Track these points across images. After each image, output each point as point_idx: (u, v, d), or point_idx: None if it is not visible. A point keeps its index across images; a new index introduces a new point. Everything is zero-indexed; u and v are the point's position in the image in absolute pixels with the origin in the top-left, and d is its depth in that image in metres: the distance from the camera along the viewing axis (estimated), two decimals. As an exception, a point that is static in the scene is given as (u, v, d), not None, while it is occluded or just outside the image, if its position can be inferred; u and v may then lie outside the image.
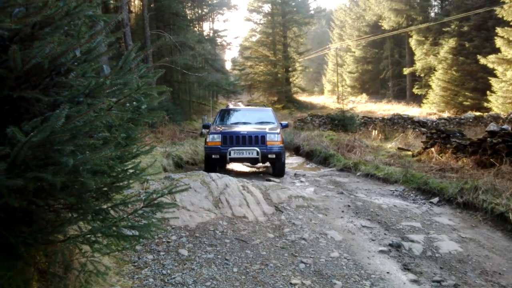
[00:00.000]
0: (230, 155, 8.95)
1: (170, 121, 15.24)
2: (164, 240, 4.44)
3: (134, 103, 2.66)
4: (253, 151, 8.95)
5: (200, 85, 22.63)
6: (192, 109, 22.72)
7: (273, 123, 10.52)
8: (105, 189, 2.68)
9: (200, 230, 4.85)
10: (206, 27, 42.97)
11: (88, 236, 2.63)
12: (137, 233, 2.79)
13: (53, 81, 2.04)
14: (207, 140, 9.27)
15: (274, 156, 9.05)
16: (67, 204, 2.51)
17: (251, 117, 10.91)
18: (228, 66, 47.18)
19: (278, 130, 9.63)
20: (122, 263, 3.78)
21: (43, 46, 1.76)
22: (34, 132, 1.57)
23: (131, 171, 2.87)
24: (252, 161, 9.57)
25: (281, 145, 9.26)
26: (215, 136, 9.23)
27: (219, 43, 31.71)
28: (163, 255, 4.09)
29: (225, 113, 11.35)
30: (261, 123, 10.36)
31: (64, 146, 1.70)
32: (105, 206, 2.77)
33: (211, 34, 32.91)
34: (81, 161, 1.72)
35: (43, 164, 1.77)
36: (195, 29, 29.72)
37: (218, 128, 9.74)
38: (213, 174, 7.16)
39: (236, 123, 10.40)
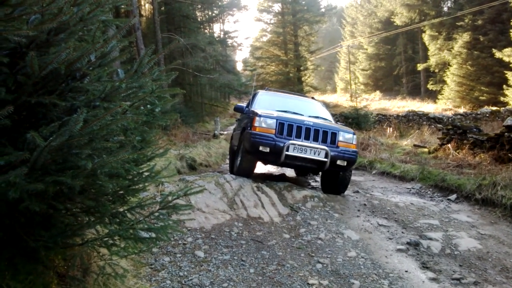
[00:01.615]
0: (288, 150, 6.15)
1: (182, 124, 15.32)
2: (180, 242, 4.46)
3: (148, 106, 2.68)
4: (320, 151, 6.19)
5: (211, 86, 22.73)
6: (204, 111, 22.82)
7: (330, 120, 7.73)
8: (121, 192, 2.70)
9: (216, 231, 4.85)
10: (217, 28, 43.11)
11: (106, 239, 2.65)
12: (153, 235, 2.80)
13: (69, 86, 2.06)
14: (254, 124, 6.34)
15: (345, 164, 6.29)
16: (84, 207, 2.53)
17: (301, 108, 7.87)
18: (239, 67, 47.29)
19: (351, 130, 6.93)
20: (139, 265, 3.81)
21: (59, 52, 1.79)
22: (53, 137, 1.59)
23: (146, 173, 2.89)
24: (314, 166, 6.50)
25: (356, 150, 6.60)
26: (268, 120, 6.34)
27: (230, 44, 31.80)
28: (180, 257, 4.11)
29: (264, 98, 8.20)
30: (316, 117, 7.40)
31: (82, 150, 1.72)
32: (121, 209, 2.79)
33: (221, 36, 33.03)
34: (99, 165, 1.74)
35: (61, 168, 1.79)
36: (206, 31, 29.86)
37: (269, 112, 6.78)
38: (227, 176, 7.18)
39: (284, 111, 7.26)
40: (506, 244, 4.65)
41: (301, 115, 7.11)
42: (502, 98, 23.55)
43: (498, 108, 20.41)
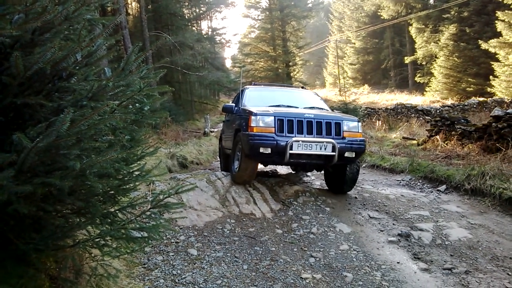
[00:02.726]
0: (292, 149, 5.51)
1: (172, 122, 15.24)
2: (172, 240, 4.45)
3: (137, 104, 2.66)
4: (327, 145, 5.58)
5: (201, 84, 22.65)
6: (194, 108, 22.72)
7: (327, 110, 7.17)
8: (112, 192, 2.68)
9: (208, 229, 4.85)
10: (205, 25, 42.93)
11: (97, 239, 2.63)
12: (145, 234, 2.79)
13: (56, 86, 2.04)
14: (251, 124, 5.69)
15: (353, 155, 5.75)
16: (75, 209, 2.51)
17: (294, 100, 7.35)
18: (228, 63, 47.16)
19: (355, 118, 6.36)
20: (132, 265, 3.79)
21: (44, 52, 1.76)
22: (40, 138, 1.57)
23: (137, 173, 2.87)
24: (321, 162, 5.94)
25: (364, 139, 6.02)
26: (266, 118, 5.69)
27: (218, 41, 31.71)
28: (173, 255, 4.10)
29: (253, 94, 7.52)
30: (312, 108, 6.88)
31: (70, 150, 1.70)
32: (112, 209, 2.78)
33: (209, 33, 32.91)
34: (87, 165, 1.72)
35: (50, 169, 1.77)
36: (194, 28, 29.71)
37: (263, 108, 6.15)
38: (218, 173, 7.17)
39: (277, 106, 6.64)
40: (496, 233, 4.71)
41: (296, 107, 6.61)
42: (489, 89, 23.79)
43: (485, 99, 20.61)
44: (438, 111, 18.92)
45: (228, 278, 3.66)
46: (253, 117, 5.70)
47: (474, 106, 19.43)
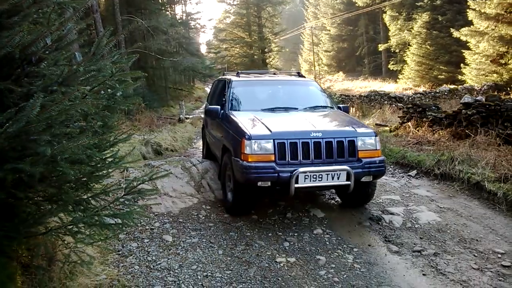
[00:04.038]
0: (298, 182, 4.35)
1: (146, 108, 15.01)
2: (147, 227, 4.44)
3: (109, 90, 2.63)
4: (340, 174, 4.46)
5: (175, 70, 22.28)
6: (168, 95, 22.37)
7: (331, 107, 6.06)
8: (85, 179, 2.65)
9: (184, 215, 4.86)
10: (179, 10, 42.15)
11: (70, 227, 2.61)
12: (119, 221, 2.78)
13: (25, 71, 1.99)
14: (245, 151, 4.46)
15: (371, 179, 4.70)
16: (47, 195, 2.47)
17: (291, 96, 6.24)
18: (203, 49, 46.56)
19: (370, 128, 5.25)
20: (106, 252, 3.78)
21: (13, 36, 1.72)
22: (10, 123, 1.54)
23: (110, 159, 2.85)
24: (336, 191, 5.42)
25: (383, 158, 4.89)
26: (263, 142, 4.47)
27: (192, 26, 31.21)
28: (147, 242, 4.10)
29: (241, 90, 6.10)
30: (314, 108, 5.84)
31: (40, 136, 1.67)
32: (85, 196, 2.75)
33: (184, 18, 32.36)
34: (58, 151, 1.70)
35: (20, 155, 1.74)
36: (168, 12, 29.14)
37: (258, 121, 4.96)
38: (193, 159, 7.15)
39: (272, 110, 5.56)
40: (464, 216, 4.89)
41: (295, 109, 5.63)
42: (459, 77, 24.31)
43: (456, 86, 21.08)
44: (410, 98, 19.27)
45: (203, 263, 3.69)
46: (247, 142, 4.42)
47: (445, 93, 19.86)
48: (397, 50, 36.45)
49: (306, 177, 4.35)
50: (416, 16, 32.23)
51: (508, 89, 16.01)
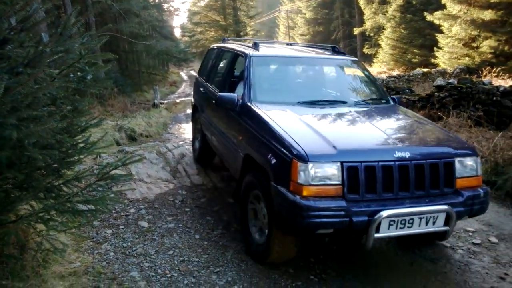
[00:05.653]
0: (379, 231, 2.87)
1: (119, 93, 14.70)
2: (122, 214, 4.38)
3: (79, 73, 2.54)
4: (437, 216, 3.00)
5: (148, 54, 21.85)
6: (142, 79, 21.91)
7: (386, 100, 4.46)
8: (55, 165, 2.58)
9: (159, 201, 4.81)
10: (152, -8, 41.13)
11: (42, 214, 2.55)
12: (92, 207, 2.73)
13: (-13, 52, 1.90)
14: (298, 180, 2.83)
15: (467, 218, 3.32)
16: (16, 182, 2.40)
17: (335, 84, 4.81)
18: (177, 33, 45.80)
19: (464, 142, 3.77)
20: (80, 239, 3.71)
21: (-29, 14, 1.63)
22: (-30, 107, 1.47)
23: (81, 145, 2.78)
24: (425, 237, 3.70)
25: (487, 189, 3.33)
26: (326, 166, 2.88)
27: (166, 9, 30.56)
28: (123, 228, 4.05)
29: (266, 73, 4.56)
30: (368, 102, 4.38)
31: (6, 119, 1.60)
32: (57, 183, 2.68)
33: (157, 0, 31.68)
34: (25, 134, 1.64)
35: (-17, 140, 1.67)
36: (140, -5, 28.46)
37: (305, 125, 3.41)
38: (168, 145, 7.07)
39: (312, 104, 4.02)
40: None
41: (344, 102, 4.14)
42: (433, 60, 24.67)
43: (429, 70, 21.40)
44: (384, 81, 19.48)
45: (180, 248, 3.68)
46: (301, 165, 2.84)
47: (419, 76, 20.15)
48: (371, 34, 36.73)
49: (392, 222, 2.89)
50: (391, -1, 32.45)
51: (480, 72, 16.36)
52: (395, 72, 25.85)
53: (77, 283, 2.96)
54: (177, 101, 18.36)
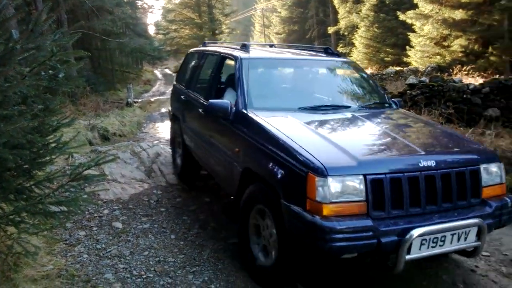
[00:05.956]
0: (410, 252, 2.53)
1: (92, 92, 14.39)
2: (96, 215, 4.30)
3: (50, 71, 2.47)
4: (469, 231, 2.71)
5: (122, 51, 21.47)
6: (115, 78, 21.51)
7: (388, 104, 4.19)
8: (26, 166, 2.51)
9: (134, 201, 4.75)
10: (125, -11, 40.44)
11: (12, 216, 2.48)
12: (65, 209, 2.67)
13: (-48, 49, 1.82)
14: (316, 198, 2.46)
15: (492, 229, 2.94)
16: (-16, 184, 2.32)
17: (335, 88, 4.30)
18: (152, 30, 45.21)
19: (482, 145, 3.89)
20: (52, 242, 3.62)
21: None
22: None
23: (53, 145, 2.71)
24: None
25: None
26: (347, 180, 2.51)
27: (140, 6, 30.19)
28: (96, 230, 3.97)
29: (260, 78, 4.08)
30: (371, 106, 4.04)
31: (-28, 119, 1.55)
32: (27, 184, 2.61)
33: (130, -3, 31.19)
34: (-6, 135, 1.59)
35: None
36: (113, -9, 27.97)
37: (315, 134, 3.07)
38: (143, 144, 6.98)
39: (314, 110, 3.65)
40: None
41: (347, 107, 3.82)
42: (405, 59, 25.14)
43: (401, 68, 21.80)
44: (358, 80, 19.73)
45: (155, 248, 3.64)
46: (319, 180, 2.48)
47: (392, 75, 20.52)
48: (346, 33, 37.22)
49: (424, 241, 2.58)
50: (364, -2, 32.93)
51: (451, 70, 16.78)
52: (368, 71, 26.23)
53: (50, 287, 2.89)
54: (152, 99, 18.14)
